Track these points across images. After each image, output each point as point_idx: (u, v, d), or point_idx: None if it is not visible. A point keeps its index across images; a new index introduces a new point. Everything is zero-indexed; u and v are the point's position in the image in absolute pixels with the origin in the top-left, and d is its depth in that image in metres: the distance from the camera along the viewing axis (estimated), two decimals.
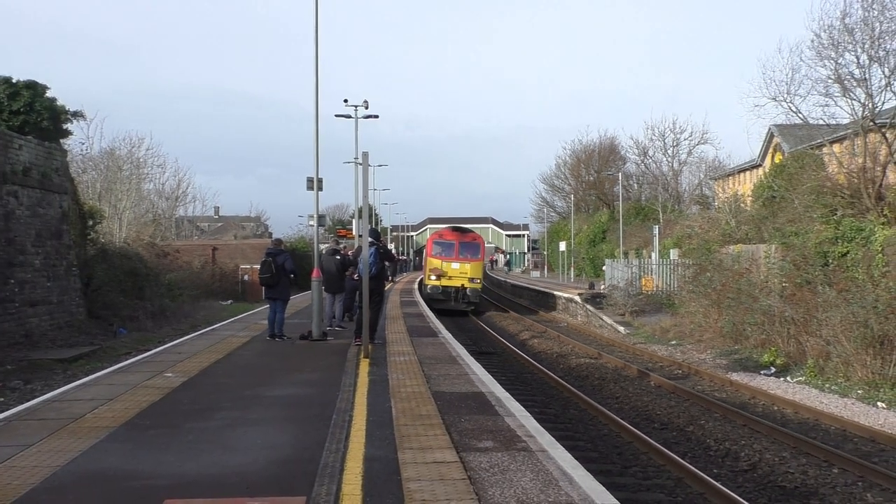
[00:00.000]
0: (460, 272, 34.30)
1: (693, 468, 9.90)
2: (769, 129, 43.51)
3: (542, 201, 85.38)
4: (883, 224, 19.72)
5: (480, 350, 21.42)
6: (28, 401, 9.99)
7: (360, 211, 15.54)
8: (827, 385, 15.76)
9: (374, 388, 10.10)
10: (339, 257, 17.42)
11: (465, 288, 34.27)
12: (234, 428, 7.84)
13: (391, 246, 74.61)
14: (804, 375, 16.72)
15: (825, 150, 27.20)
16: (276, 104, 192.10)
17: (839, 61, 23.68)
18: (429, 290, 34.26)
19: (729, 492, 8.89)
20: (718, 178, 56.32)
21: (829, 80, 23.97)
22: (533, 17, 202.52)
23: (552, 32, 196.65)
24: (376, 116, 40.93)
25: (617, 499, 5.73)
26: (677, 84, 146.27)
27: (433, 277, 34.47)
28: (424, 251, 41.97)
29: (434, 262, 34.81)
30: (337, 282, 17.48)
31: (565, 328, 30.05)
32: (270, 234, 71.87)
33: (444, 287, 34.04)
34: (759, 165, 46.37)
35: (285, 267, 15.11)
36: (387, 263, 16.40)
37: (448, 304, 33.59)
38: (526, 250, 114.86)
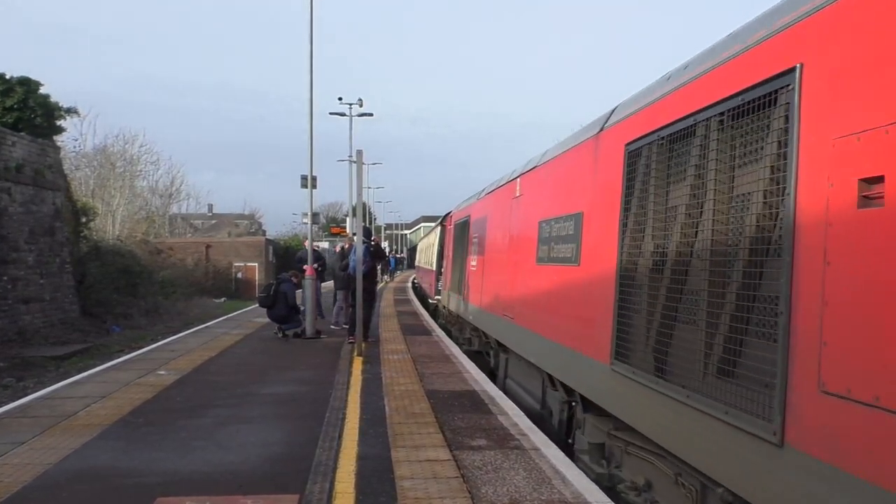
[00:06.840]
0: None
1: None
2: None
3: None
4: None
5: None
6: (20, 398, 9.95)
7: (354, 209, 15.52)
8: None
9: (367, 386, 10.10)
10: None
11: None
12: (227, 426, 7.83)
13: (385, 244, 74.64)
14: None
15: None
16: (275, 100, 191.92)
17: None
18: None
19: None
20: None
21: None
22: (539, 17, 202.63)
23: (556, 32, 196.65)
24: (370, 114, 40.92)
25: (609, 498, 5.75)
26: None
27: None
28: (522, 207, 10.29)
29: None
30: (342, 279, 17.35)
31: None
32: (264, 232, 71.81)
33: None
34: None
35: (287, 297, 15.66)
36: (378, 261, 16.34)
37: None
38: None
